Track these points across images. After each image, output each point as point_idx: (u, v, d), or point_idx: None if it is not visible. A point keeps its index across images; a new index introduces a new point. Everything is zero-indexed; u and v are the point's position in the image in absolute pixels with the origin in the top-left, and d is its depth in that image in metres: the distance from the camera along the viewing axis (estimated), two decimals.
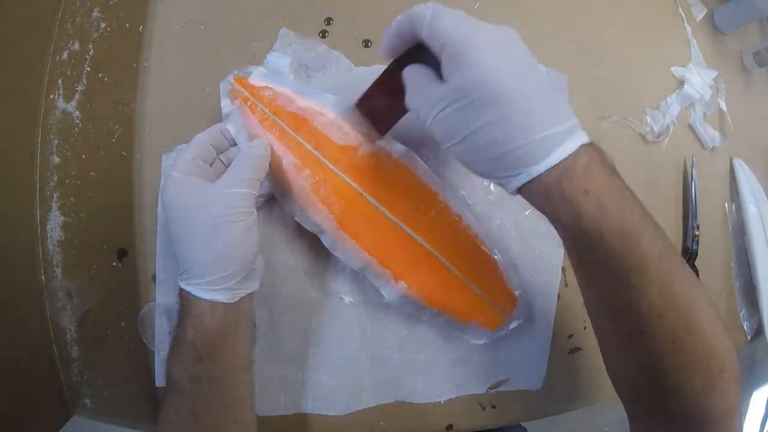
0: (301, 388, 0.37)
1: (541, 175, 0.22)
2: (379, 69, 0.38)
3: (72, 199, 0.37)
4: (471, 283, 0.34)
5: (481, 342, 0.37)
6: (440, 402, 0.39)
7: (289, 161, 0.33)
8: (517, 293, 0.36)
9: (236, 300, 0.29)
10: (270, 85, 0.34)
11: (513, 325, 0.36)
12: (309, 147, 0.33)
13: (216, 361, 0.29)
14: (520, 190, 0.24)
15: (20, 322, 0.35)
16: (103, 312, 0.37)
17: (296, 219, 0.34)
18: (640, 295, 0.22)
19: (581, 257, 0.25)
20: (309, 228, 0.34)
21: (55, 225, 0.37)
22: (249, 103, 0.33)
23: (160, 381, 0.37)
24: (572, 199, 0.22)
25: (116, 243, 0.37)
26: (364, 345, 0.38)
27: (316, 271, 0.37)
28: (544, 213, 0.24)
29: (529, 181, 0.23)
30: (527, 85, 0.22)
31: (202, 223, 0.28)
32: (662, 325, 0.22)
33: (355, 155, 0.33)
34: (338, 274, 0.37)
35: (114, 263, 0.37)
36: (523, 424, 0.55)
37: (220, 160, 0.33)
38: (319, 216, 0.33)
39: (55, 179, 0.37)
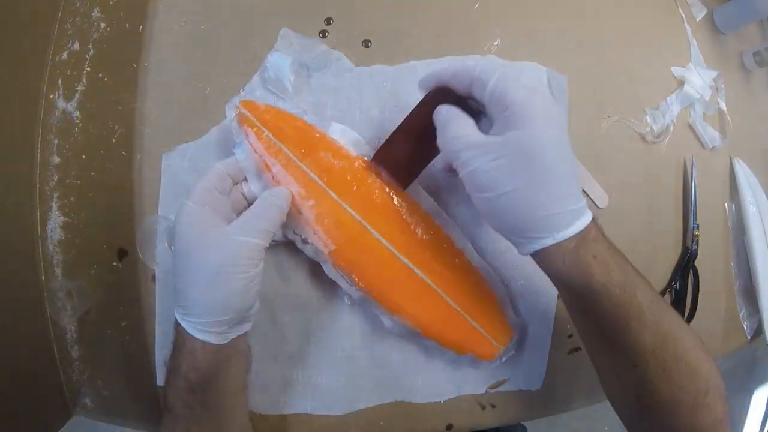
0: (302, 387, 0.37)
1: (562, 241, 0.25)
2: (379, 70, 0.38)
3: (72, 199, 0.37)
4: (469, 317, 0.34)
5: (476, 370, 0.38)
6: (440, 402, 0.39)
7: (293, 190, 0.32)
8: (513, 327, 0.37)
9: (228, 341, 0.29)
10: (276, 107, 0.33)
11: (505, 358, 0.37)
12: (314, 177, 0.32)
13: (209, 391, 0.29)
14: (534, 253, 0.26)
15: (20, 322, 0.35)
16: (103, 312, 0.37)
17: (299, 247, 0.34)
18: (637, 336, 0.26)
19: (587, 310, 0.28)
20: (310, 256, 0.34)
21: (55, 225, 0.37)
22: (255, 129, 0.32)
23: (161, 381, 0.37)
24: (585, 262, 0.25)
25: (116, 243, 0.37)
26: (364, 345, 0.38)
27: (316, 271, 0.37)
28: (552, 274, 0.28)
29: (548, 246, 0.25)
30: (568, 159, 0.26)
31: (206, 266, 0.27)
32: (654, 358, 0.26)
33: (359, 186, 0.33)
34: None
35: (114, 263, 0.37)
36: (523, 424, 0.55)
37: (242, 193, 0.33)
38: (321, 246, 0.33)
39: (55, 179, 0.37)
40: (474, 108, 0.29)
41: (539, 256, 0.27)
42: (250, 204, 0.33)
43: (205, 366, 0.28)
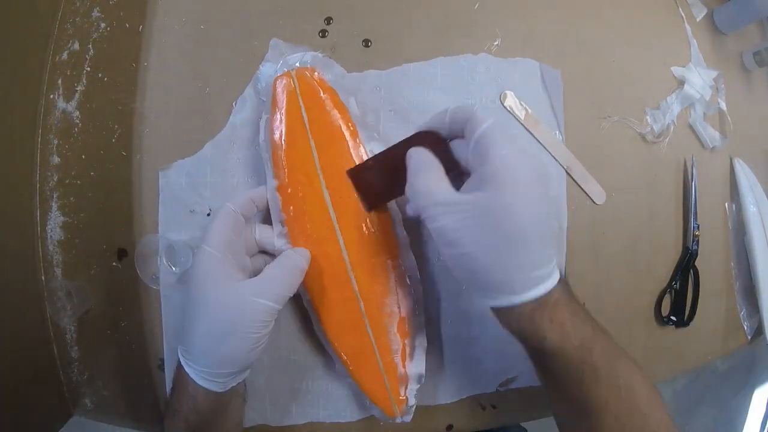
0: (312, 396, 0.37)
1: (517, 304, 0.25)
2: (371, 75, 0.38)
3: (72, 199, 0.37)
4: (382, 365, 0.33)
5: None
6: (444, 402, 0.39)
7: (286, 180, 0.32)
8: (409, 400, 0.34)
9: (228, 388, 0.29)
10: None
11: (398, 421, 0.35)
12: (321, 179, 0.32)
13: (209, 431, 0.30)
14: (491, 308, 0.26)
15: (20, 322, 0.35)
16: (103, 312, 0.37)
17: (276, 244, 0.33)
18: (590, 390, 0.26)
19: (541, 366, 0.28)
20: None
21: (55, 225, 0.37)
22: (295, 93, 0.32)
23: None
24: (539, 326, 0.25)
25: (116, 243, 0.37)
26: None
27: None
28: (508, 329, 0.27)
29: (503, 306, 0.25)
30: (542, 226, 0.24)
31: (219, 321, 0.27)
32: (607, 410, 0.26)
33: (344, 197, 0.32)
34: None
35: (114, 263, 0.37)
36: (523, 424, 0.55)
37: (255, 239, 0.33)
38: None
39: (55, 179, 0.37)
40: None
41: (494, 312, 0.27)
42: (260, 249, 0.33)
43: (205, 409, 0.29)
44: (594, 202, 0.41)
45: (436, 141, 0.28)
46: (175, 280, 0.36)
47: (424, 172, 0.26)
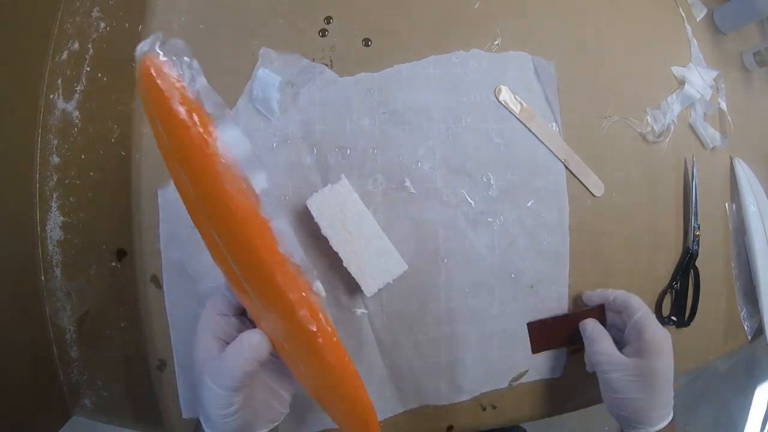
0: None
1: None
2: (364, 78, 0.38)
3: (72, 199, 0.37)
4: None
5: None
6: (462, 401, 0.39)
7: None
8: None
9: None
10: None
11: None
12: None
13: None
14: None
15: (20, 322, 0.35)
16: (103, 312, 0.37)
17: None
18: None
19: None
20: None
21: (54, 225, 0.37)
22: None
23: (186, 412, 0.36)
24: None
25: (116, 243, 0.37)
26: (383, 355, 0.38)
27: (325, 287, 0.36)
28: None
29: None
30: (671, 380, 0.35)
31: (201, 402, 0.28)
32: None
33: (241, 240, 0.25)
34: (347, 288, 0.37)
35: (113, 263, 0.37)
36: (522, 424, 0.55)
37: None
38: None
39: (55, 179, 0.37)
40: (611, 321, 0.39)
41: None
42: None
43: None
44: (593, 195, 0.41)
45: (601, 314, 0.39)
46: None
47: (598, 340, 0.37)
